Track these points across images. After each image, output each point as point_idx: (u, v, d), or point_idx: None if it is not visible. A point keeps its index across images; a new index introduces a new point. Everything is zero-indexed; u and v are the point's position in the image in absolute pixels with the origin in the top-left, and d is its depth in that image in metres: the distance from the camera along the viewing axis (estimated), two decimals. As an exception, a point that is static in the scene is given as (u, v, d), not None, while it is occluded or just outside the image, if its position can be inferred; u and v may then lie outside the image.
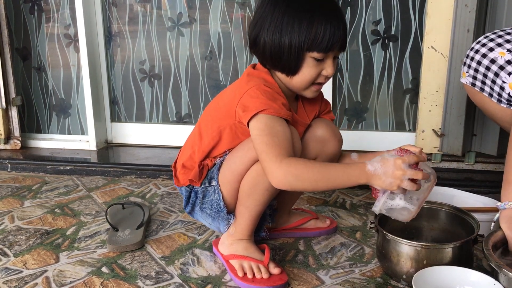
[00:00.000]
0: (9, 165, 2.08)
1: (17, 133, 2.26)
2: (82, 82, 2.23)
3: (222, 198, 1.20)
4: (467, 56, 1.36)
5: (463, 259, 1.11)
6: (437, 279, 1.04)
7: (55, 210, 1.64)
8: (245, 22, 2.12)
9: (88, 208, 1.66)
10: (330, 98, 2.02)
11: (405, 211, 1.05)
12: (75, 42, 2.24)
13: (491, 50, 1.29)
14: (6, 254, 1.33)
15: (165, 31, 2.20)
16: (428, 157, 1.85)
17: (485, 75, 1.29)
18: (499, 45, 1.28)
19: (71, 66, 2.29)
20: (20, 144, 2.26)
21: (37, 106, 2.37)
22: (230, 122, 1.16)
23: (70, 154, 2.21)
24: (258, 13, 1.13)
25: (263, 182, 1.14)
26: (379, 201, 1.04)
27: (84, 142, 2.28)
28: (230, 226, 1.24)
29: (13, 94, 2.20)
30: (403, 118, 2.07)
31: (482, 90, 1.31)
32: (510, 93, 1.23)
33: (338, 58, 1.17)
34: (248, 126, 1.10)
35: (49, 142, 2.32)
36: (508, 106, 1.25)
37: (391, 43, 2.00)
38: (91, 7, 2.18)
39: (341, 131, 1.30)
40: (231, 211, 1.22)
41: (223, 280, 1.19)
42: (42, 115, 2.37)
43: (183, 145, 1.30)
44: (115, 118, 2.33)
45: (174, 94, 2.25)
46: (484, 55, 1.30)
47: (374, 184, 1.01)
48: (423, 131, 1.86)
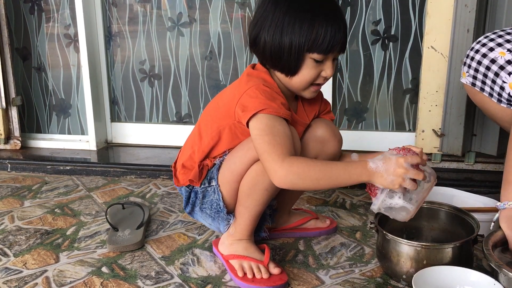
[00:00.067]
0: (9, 165, 2.08)
1: (17, 133, 2.26)
2: (82, 82, 2.23)
3: (221, 198, 1.20)
4: (467, 56, 1.36)
5: (463, 259, 1.11)
6: (437, 279, 1.04)
7: (55, 210, 1.64)
8: (245, 22, 2.12)
9: (88, 208, 1.66)
10: (330, 98, 2.02)
11: (403, 211, 1.05)
12: (75, 42, 2.24)
13: (491, 50, 1.29)
14: (6, 254, 1.33)
15: (165, 31, 2.20)
16: (428, 157, 1.85)
17: (485, 75, 1.29)
18: (499, 45, 1.28)
19: (71, 66, 2.29)
20: (20, 144, 2.26)
21: (37, 106, 2.37)
22: (229, 122, 1.16)
23: (70, 154, 2.21)
24: (259, 12, 1.12)
25: (263, 182, 1.14)
26: (378, 199, 1.04)
27: (84, 142, 2.28)
28: (230, 226, 1.24)
29: (13, 94, 2.20)
30: (403, 118, 2.07)
31: (482, 90, 1.31)
32: (510, 93, 1.23)
33: (337, 59, 1.17)
34: (247, 126, 1.10)
35: (49, 142, 2.32)
36: (508, 106, 1.25)
37: (391, 43, 2.00)
38: (91, 7, 2.18)
39: (341, 131, 1.30)
40: (231, 211, 1.22)
41: (223, 280, 1.19)
42: (42, 115, 2.37)
43: (183, 145, 1.30)
44: (115, 118, 2.34)
45: (174, 94, 2.25)
46: (484, 55, 1.30)
47: (375, 182, 1.01)
48: (423, 131, 1.86)
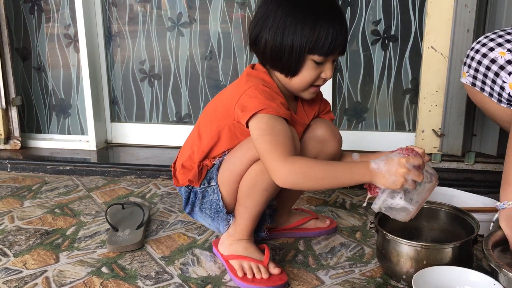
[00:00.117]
0: (9, 165, 2.08)
1: (17, 133, 2.26)
2: (82, 82, 2.23)
3: (221, 199, 1.20)
4: (467, 56, 1.36)
5: (463, 259, 1.11)
6: (437, 279, 1.04)
7: (55, 210, 1.64)
8: (245, 22, 2.12)
9: (88, 208, 1.66)
10: (330, 98, 2.02)
11: (404, 211, 1.05)
12: (75, 42, 2.24)
13: (492, 50, 1.29)
14: (6, 254, 1.33)
15: (165, 31, 2.20)
16: (429, 157, 1.84)
17: (485, 75, 1.29)
18: (500, 45, 1.28)
19: (71, 66, 2.29)
20: (20, 144, 2.26)
21: (37, 106, 2.37)
22: (228, 122, 1.16)
23: (70, 154, 2.21)
24: (260, 12, 1.12)
25: (262, 182, 1.14)
26: (379, 199, 1.04)
27: (84, 142, 2.28)
28: (229, 226, 1.24)
29: (13, 94, 2.20)
30: (403, 118, 2.07)
31: (482, 90, 1.31)
32: (510, 93, 1.23)
33: (337, 60, 1.17)
34: (247, 126, 1.10)
35: (49, 142, 2.32)
36: (508, 106, 1.25)
37: (391, 43, 2.00)
38: (91, 7, 2.18)
39: (341, 131, 1.30)
40: (231, 211, 1.22)
41: (223, 280, 1.19)
42: (42, 115, 2.37)
43: (183, 145, 1.30)
44: (115, 118, 2.33)
45: (174, 94, 2.25)
46: (484, 55, 1.30)
47: (377, 182, 1.01)
48: (423, 131, 1.86)
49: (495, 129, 1.75)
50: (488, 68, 1.28)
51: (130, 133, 2.32)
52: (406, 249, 1.11)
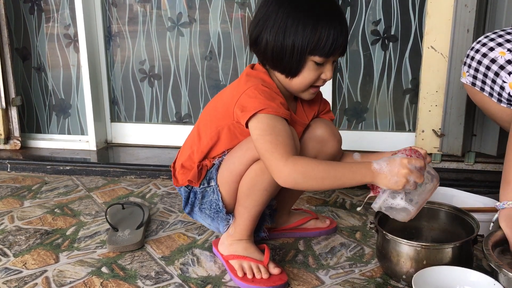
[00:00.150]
0: (9, 165, 2.08)
1: (17, 133, 2.26)
2: (82, 82, 2.23)
3: (221, 199, 1.20)
4: (468, 55, 1.36)
5: (463, 259, 1.10)
6: (437, 279, 1.03)
7: (55, 210, 1.64)
8: (245, 22, 2.12)
9: (88, 208, 1.66)
10: (330, 98, 2.02)
11: (404, 212, 1.05)
12: (75, 42, 2.24)
13: (492, 49, 1.29)
14: (6, 254, 1.33)
15: (165, 31, 2.20)
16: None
17: (485, 75, 1.29)
18: (500, 44, 1.28)
19: (71, 66, 2.29)
20: (20, 144, 2.26)
21: (37, 106, 2.37)
22: (228, 122, 1.16)
23: (70, 154, 2.21)
24: (261, 12, 1.12)
25: (262, 182, 1.14)
26: (380, 198, 1.04)
27: (84, 142, 2.28)
28: (229, 226, 1.24)
29: (13, 94, 2.20)
30: (403, 118, 2.06)
31: (482, 89, 1.31)
32: (510, 92, 1.23)
33: (336, 61, 1.17)
34: (246, 126, 1.09)
35: (49, 142, 2.32)
36: (508, 106, 1.25)
37: (391, 43, 2.00)
38: (91, 7, 2.18)
39: (341, 131, 1.30)
40: (230, 211, 1.22)
41: (223, 280, 1.19)
42: (42, 115, 2.37)
43: (182, 145, 1.30)
44: (115, 118, 2.33)
45: (174, 94, 2.25)
46: (484, 55, 1.30)
47: (379, 183, 1.01)
48: (423, 131, 1.86)
49: (495, 129, 1.75)
50: (488, 67, 1.28)
51: (130, 133, 2.32)
52: (406, 249, 1.11)
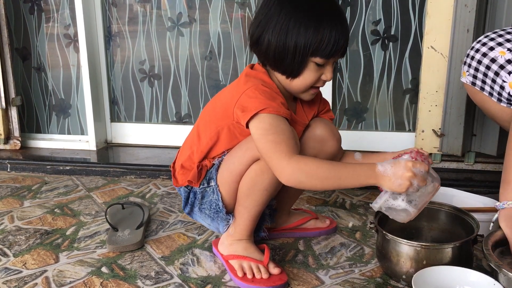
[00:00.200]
0: (8, 165, 2.08)
1: (16, 133, 2.26)
2: (82, 82, 2.23)
3: (221, 199, 1.19)
4: (468, 55, 1.36)
5: (463, 259, 1.10)
6: (436, 279, 1.03)
7: (55, 210, 1.64)
8: (245, 22, 2.12)
9: (87, 208, 1.66)
10: (330, 98, 2.02)
11: (404, 213, 1.04)
12: (75, 42, 2.24)
13: (492, 49, 1.29)
14: (5, 254, 1.33)
15: (165, 31, 2.20)
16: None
17: (485, 74, 1.29)
18: (500, 44, 1.28)
19: (71, 66, 2.29)
20: (19, 144, 2.26)
21: (36, 106, 2.37)
22: (228, 123, 1.16)
23: (70, 154, 2.21)
24: (262, 12, 1.11)
25: (262, 182, 1.14)
26: (381, 198, 1.03)
27: (83, 142, 2.28)
28: (229, 226, 1.24)
29: (12, 94, 2.20)
30: (403, 118, 2.06)
31: (482, 89, 1.31)
32: (510, 92, 1.23)
33: (336, 62, 1.17)
34: (247, 126, 1.09)
35: (48, 142, 2.32)
36: (508, 105, 1.25)
37: (391, 43, 2.00)
38: (91, 7, 2.18)
39: (340, 131, 1.30)
40: (230, 211, 1.22)
41: (223, 280, 1.19)
42: (42, 115, 2.37)
43: (182, 145, 1.30)
44: (115, 118, 2.33)
45: (174, 94, 2.25)
46: (484, 54, 1.30)
47: (383, 185, 1.00)
48: (423, 131, 1.86)
49: (495, 129, 1.75)
50: (488, 67, 1.28)
51: (130, 133, 2.32)
52: (406, 249, 1.11)
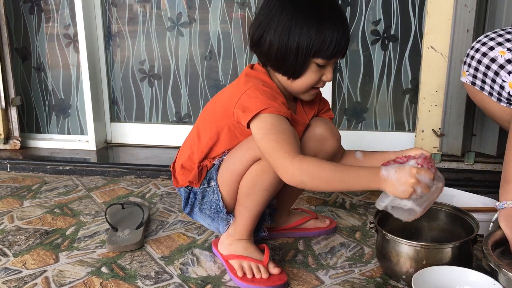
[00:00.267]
0: (8, 165, 2.08)
1: (16, 133, 2.26)
2: (82, 82, 2.23)
3: (221, 199, 1.19)
4: (468, 55, 1.36)
5: (463, 259, 1.10)
6: (436, 279, 1.03)
7: (55, 210, 1.64)
8: (244, 22, 2.12)
9: (87, 208, 1.66)
10: (329, 98, 2.02)
11: (410, 213, 1.03)
12: (75, 42, 2.24)
13: (492, 49, 1.29)
14: (5, 254, 1.33)
15: (164, 31, 2.20)
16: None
17: (485, 74, 1.29)
18: (500, 44, 1.28)
19: (71, 66, 2.29)
20: (19, 144, 2.26)
21: (36, 106, 2.37)
22: (228, 123, 1.16)
23: (70, 154, 2.21)
24: (263, 13, 1.11)
25: (263, 182, 1.14)
26: (388, 197, 1.02)
27: (83, 142, 2.28)
28: (229, 226, 1.24)
29: (12, 94, 2.20)
30: (403, 118, 2.07)
31: (482, 89, 1.31)
32: (510, 92, 1.23)
33: (336, 63, 1.17)
34: (248, 126, 1.09)
35: (48, 142, 2.32)
36: (507, 105, 1.25)
37: (391, 43, 2.00)
38: (91, 7, 2.18)
39: (340, 131, 1.30)
40: (231, 212, 1.22)
41: (223, 280, 1.19)
42: (42, 115, 2.37)
43: (182, 145, 1.30)
44: (115, 118, 2.33)
45: (173, 94, 2.25)
46: (484, 54, 1.30)
47: (386, 190, 0.99)
48: (423, 131, 1.86)
49: (495, 129, 1.75)
50: (488, 67, 1.28)
51: (130, 133, 2.32)
52: (405, 249, 1.11)
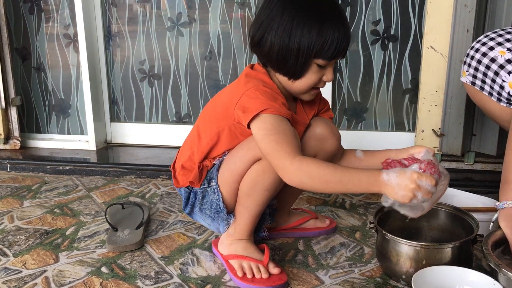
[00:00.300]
0: (8, 165, 2.08)
1: (16, 133, 2.26)
2: (82, 82, 2.23)
3: (221, 199, 1.19)
4: (467, 55, 1.36)
5: (463, 259, 1.10)
6: (436, 279, 1.03)
7: (55, 210, 1.64)
8: (244, 22, 2.12)
9: (87, 208, 1.66)
10: (329, 98, 2.02)
11: (418, 209, 1.02)
12: (75, 42, 2.24)
13: (491, 49, 1.29)
14: (5, 254, 1.33)
15: (164, 31, 2.20)
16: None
17: (485, 74, 1.29)
18: (500, 44, 1.28)
19: (71, 66, 2.29)
20: (19, 144, 2.26)
21: (36, 106, 2.37)
22: (228, 123, 1.15)
23: (70, 154, 2.21)
24: (264, 14, 1.11)
25: (263, 182, 1.14)
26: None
27: (83, 142, 2.28)
28: (229, 226, 1.24)
29: (12, 94, 2.20)
30: (403, 118, 2.07)
31: (482, 89, 1.31)
32: (509, 92, 1.23)
33: (337, 63, 1.17)
34: (248, 127, 1.09)
35: (48, 142, 2.32)
36: (507, 105, 1.25)
37: (391, 43, 2.00)
38: (91, 7, 2.18)
39: (340, 131, 1.30)
40: (231, 211, 1.22)
41: (223, 280, 1.19)
42: (42, 115, 2.37)
43: (181, 146, 1.30)
44: (115, 118, 2.33)
45: (173, 94, 2.25)
46: (484, 54, 1.30)
47: (386, 194, 0.98)
48: (423, 131, 1.86)
49: (495, 129, 1.75)
50: (488, 67, 1.28)
51: (130, 133, 2.32)
52: (405, 249, 1.11)
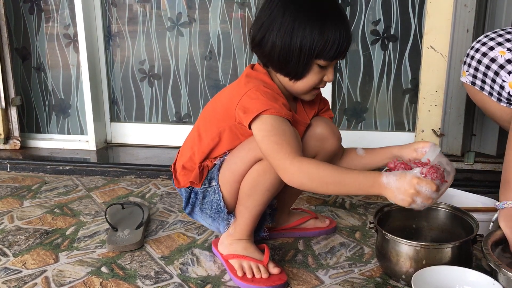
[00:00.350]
0: (8, 165, 2.08)
1: (16, 133, 2.26)
2: (82, 82, 2.23)
3: (222, 199, 1.19)
4: (468, 55, 1.36)
5: (462, 259, 1.10)
6: (436, 279, 1.04)
7: (55, 210, 1.64)
8: (244, 22, 2.12)
9: (87, 208, 1.66)
10: (329, 98, 2.02)
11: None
12: (75, 42, 2.24)
13: (492, 49, 1.29)
14: (5, 254, 1.33)
15: (164, 31, 2.20)
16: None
17: (485, 74, 1.29)
18: (500, 44, 1.28)
19: (71, 66, 2.29)
20: (19, 144, 2.26)
21: (36, 106, 2.37)
22: (229, 124, 1.15)
23: (70, 154, 2.21)
24: (265, 14, 1.10)
25: (264, 183, 1.14)
26: None
27: (83, 142, 2.28)
28: (230, 226, 1.24)
29: (12, 94, 2.20)
30: (403, 118, 2.07)
31: (482, 89, 1.31)
32: (510, 92, 1.23)
33: (337, 63, 1.17)
34: (249, 127, 1.09)
35: (48, 142, 2.32)
36: (507, 105, 1.25)
37: (391, 43, 2.00)
38: (91, 7, 2.18)
39: (340, 131, 1.30)
40: (231, 211, 1.22)
41: (223, 280, 1.19)
42: (42, 115, 2.37)
43: (182, 146, 1.30)
44: (115, 118, 2.33)
45: (173, 94, 2.25)
46: (484, 54, 1.30)
47: (386, 196, 0.99)
48: (423, 131, 1.86)
49: (495, 129, 1.75)
50: (488, 67, 1.28)
51: (130, 133, 2.32)
52: (405, 248, 1.11)
